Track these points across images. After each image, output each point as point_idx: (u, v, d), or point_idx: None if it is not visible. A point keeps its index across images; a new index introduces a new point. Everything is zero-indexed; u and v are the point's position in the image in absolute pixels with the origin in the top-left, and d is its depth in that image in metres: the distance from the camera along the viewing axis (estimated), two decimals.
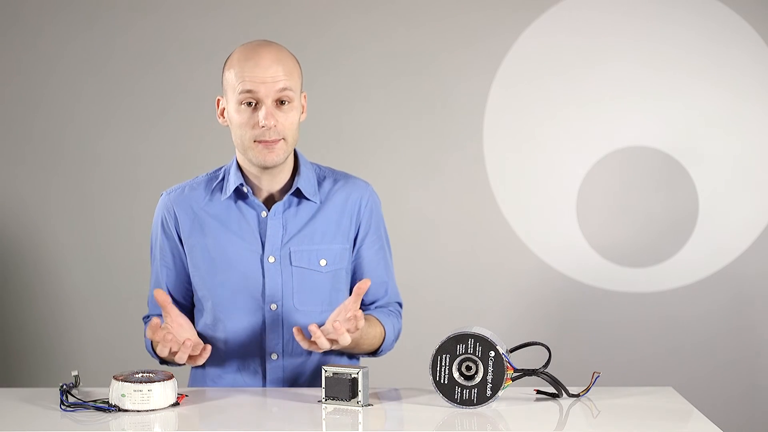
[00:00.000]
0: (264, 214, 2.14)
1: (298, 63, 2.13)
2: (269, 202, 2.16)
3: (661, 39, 3.34)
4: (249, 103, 2.05)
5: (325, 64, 3.33)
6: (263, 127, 2.03)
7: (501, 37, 3.36)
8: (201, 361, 2.02)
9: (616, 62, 3.35)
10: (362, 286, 1.94)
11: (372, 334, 2.13)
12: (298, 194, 2.15)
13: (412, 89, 3.38)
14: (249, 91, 2.04)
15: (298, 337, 1.96)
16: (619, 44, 3.35)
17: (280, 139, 2.06)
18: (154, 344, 2.04)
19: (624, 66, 3.35)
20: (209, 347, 2.03)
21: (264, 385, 2.14)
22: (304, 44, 3.24)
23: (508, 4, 3.36)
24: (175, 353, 2.00)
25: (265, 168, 2.10)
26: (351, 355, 2.22)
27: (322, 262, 2.14)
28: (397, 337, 2.25)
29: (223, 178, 2.18)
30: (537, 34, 3.36)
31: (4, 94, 3.42)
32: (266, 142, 2.05)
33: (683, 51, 3.34)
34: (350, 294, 2.21)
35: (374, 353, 2.20)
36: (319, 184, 2.19)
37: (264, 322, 2.12)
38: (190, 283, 2.21)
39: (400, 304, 2.29)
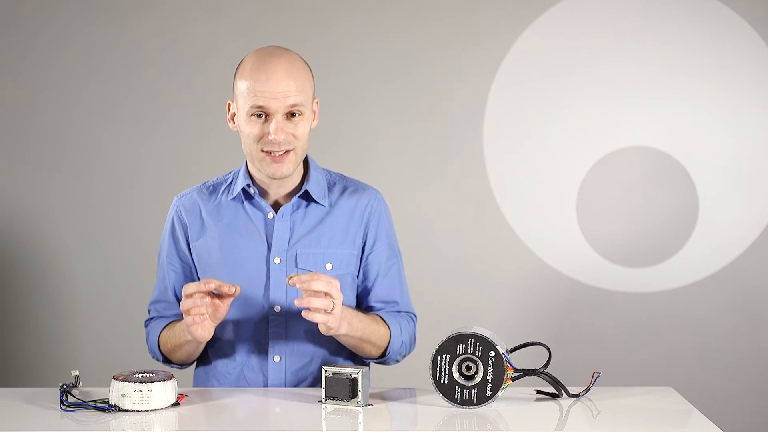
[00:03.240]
0: (270, 215, 2.14)
1: (311, 71, 2.12)
2: (276, 206, 2.16)
3: (661, 39, 3.34)
4: (259, 115, 2.05)
5: (325, 64, 3.33)
6: (272, 140, 2.04)
7: (501, 37, 3.36)
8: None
9: (616, 62, 3.35)
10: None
11: (374, 329, 2.10)
12: (307, 198, 2.16)
13: (412, 89, 3.38)
14: (260, 107, 2.04)
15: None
16: (619, 44, 3.35)
17: (290, 151, 2.07)
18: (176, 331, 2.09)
19: (624, 66, 3.35)
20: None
21: (266, 387, 2.14)
22: (304, 44, 3.24)
23: (508, 4, 3.36)
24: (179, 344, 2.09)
25: (274, 179, 2.11)
26: (361, 362, 2.22)
27: (328, 266, 2.14)
28: (409, 344, 2.21)
29: (232, 181, 2.19)
30: (537, 34, 3.36)
31: (5, 94, 3.42)
32: (275, 156, 2.06)
33: (683, 51, 3.34)
34: (356, 300, 2.21)
35: (382, 356, 2.17)
36: (329, 189, 2.19)
37: (268, 324, 2.12)
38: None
39: (414, 316, 2.26)
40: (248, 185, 2.15)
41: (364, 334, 2.07)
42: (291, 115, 2.06)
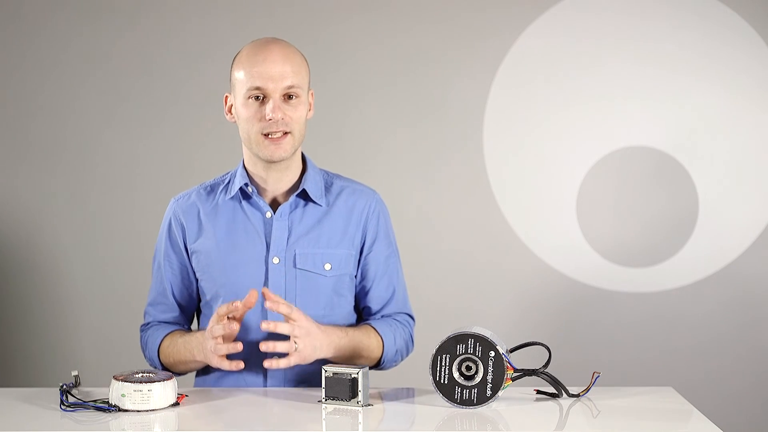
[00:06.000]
0: (269, 214, 2.14)
1: (306, 61, 2.14)
2: (274, 205, 2.16)
3: (661, 39, 3.34)
4: (256, 98, 2.06)
5: (325, 64, 3.33)
6: (270, 120, 2.04)
7: (501, 37, 3.36)
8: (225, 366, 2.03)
9: (616, 62, 3.35)
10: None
11: (366, 344, 2.12)
12: (305, 197, 2.16)
13: (412, 89, 3.38)
14: (257, 88, 2.05)
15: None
16: (619, 44, 3.35)
17: (287, 133, 2.07)
18: (182, 351, 2.11)
19: (624, 66, 3.35)
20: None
21: (265, 387, 2.14)
22: (304, 44, 3.22)
23: (508, 4, 3.36)
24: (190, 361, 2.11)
25: (272, 162, 2.11)
26: None
27: (327, 267, 2.14)
28: (405, 350, 2.22)
29: (230, 181, 2.19)
30: (537, 34, 3.36)
31: (4, 94, 3.42)
32: (273, 137, 2.06)
33: (683, 51, 3.34)
34: (354, 301, 2.22)
35: (377, 365, 2.19)
36: (327, 189, 2.20)
37: None
38: (194, 290, 2.21)
39: (412, 317, 2.27)
40: (246, 184, 2.15)
41: (353, 353, 2.09)
42: (288, 97, 2.07)
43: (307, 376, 2.14)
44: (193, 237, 2.17)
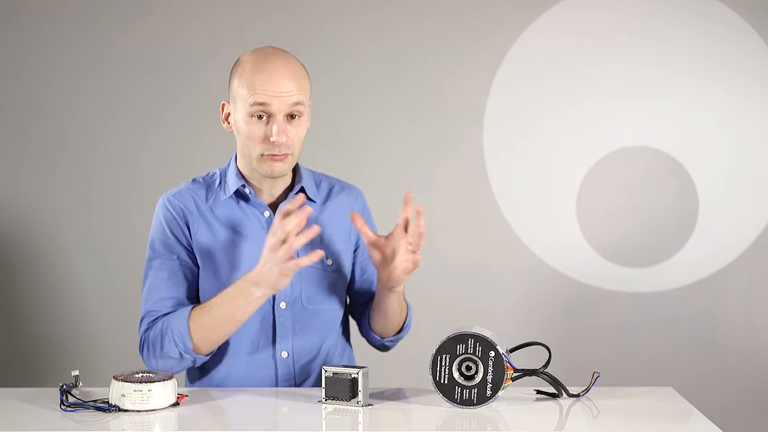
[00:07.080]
0: (267, 213, 2.15)
1: (308, 74, 2.13)
2: (270, 205, 2.18)
3: (661, 39, 3.34)
4: (260, 116, 2.05)
5: (325, 64, 3.33)
6: (274, 141, 2.03)
7: (501, 37, 3.36)
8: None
9: (616, 62, 3.35)
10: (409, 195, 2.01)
11: (405, 305, 2.20)
12: None
13: (412, 89, 3.38)
14: (261, 104, 2.03)
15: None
16: (619, 44, 3.35)
17: (288, 154, 2.07)
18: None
19: (624, 66, 3.35)
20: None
21: (276, 384, 2.15)
22: (304, 44, 3.25)
23: (508, 4, 3.36)
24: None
25: (270, 177, 2.11)
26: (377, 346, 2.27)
27: (328, 262, 2.18)
28: (409, 326, 2.28)
29: (221, 181, 2.19)
30: (537, 34, 3.36)
31: (5, 94, 3.42)
32: (274, 156, 2.06)
33: (683, 51, 3.34)
34: (353, 294, 2.24)
35: (399, 332, 2.23)
36: (317, 187, 2.24)
37: (274, 321, 2.13)
38: (192, 286, 2.20)
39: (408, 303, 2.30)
40: (243, 186, 2.15)
41: (400, 305, 2.16)
42: (291, 116, 2.06)
43: (316, 376, 2.16)
44: (195, 231, 2.16)
